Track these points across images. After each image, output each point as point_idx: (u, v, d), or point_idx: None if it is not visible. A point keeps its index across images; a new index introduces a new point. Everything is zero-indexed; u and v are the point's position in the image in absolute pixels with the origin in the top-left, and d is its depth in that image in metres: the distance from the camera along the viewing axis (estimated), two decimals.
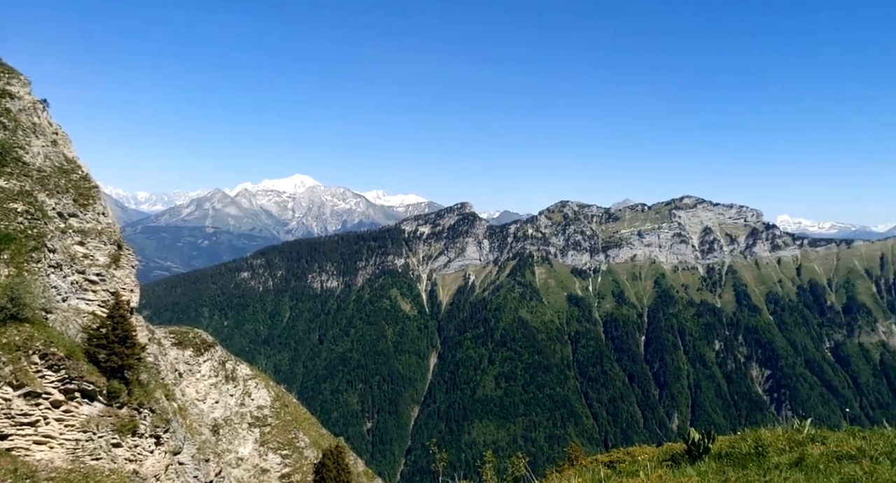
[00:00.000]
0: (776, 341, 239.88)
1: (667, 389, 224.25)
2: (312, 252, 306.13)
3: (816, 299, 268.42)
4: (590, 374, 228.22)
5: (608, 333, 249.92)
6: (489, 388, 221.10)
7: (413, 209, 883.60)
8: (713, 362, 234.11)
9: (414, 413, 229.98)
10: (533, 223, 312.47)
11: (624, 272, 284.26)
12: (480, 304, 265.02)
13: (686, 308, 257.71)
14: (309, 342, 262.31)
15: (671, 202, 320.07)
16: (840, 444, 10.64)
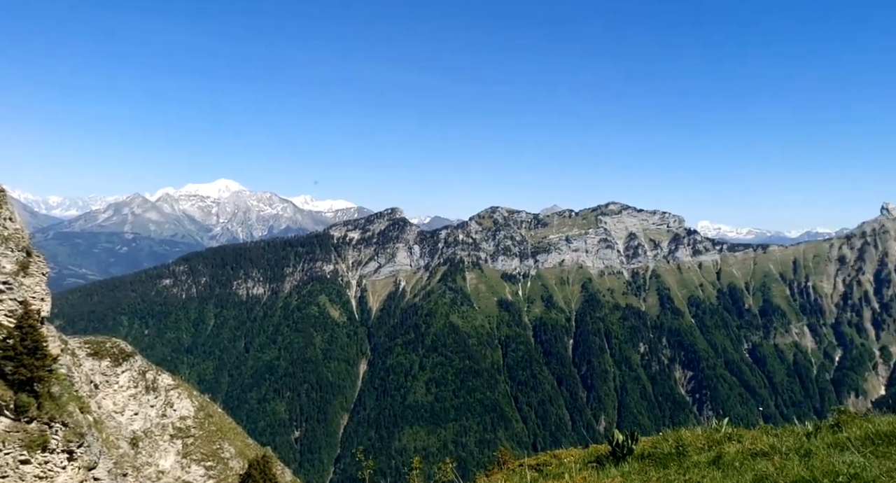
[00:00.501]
0: (698, 343, 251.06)
1: (594, 392, 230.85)
2: (238, 258, 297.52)
3: (735, 302, 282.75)
4: (520, 378, 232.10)
5: (538, 337, 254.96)
6: (420, 393, 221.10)
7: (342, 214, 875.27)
8: (638, 365, 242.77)
9: (343, 421, 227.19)
10: (464, 229, 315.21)
11: (552, 277, 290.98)
12: (411, 309, 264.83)
13: (612, 312, 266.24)
14: (234, 350, 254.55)
15: (597, 208, 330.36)
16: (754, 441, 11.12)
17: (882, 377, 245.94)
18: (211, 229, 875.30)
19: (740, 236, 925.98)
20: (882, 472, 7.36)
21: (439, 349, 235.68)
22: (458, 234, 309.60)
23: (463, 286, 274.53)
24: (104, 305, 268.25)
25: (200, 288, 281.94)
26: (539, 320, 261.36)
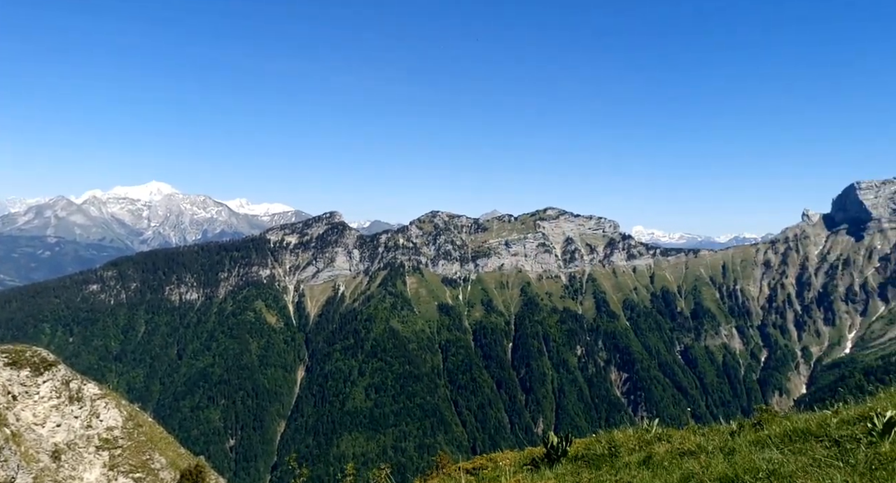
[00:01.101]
0: (633, 346, 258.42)
1: (532, 394, 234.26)
2: (170, 263, 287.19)
3: (668, 305, 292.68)
4: (459, 382, 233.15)
5: (478, 341, 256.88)
6: (359, 399, 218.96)
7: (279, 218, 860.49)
8: (575, 367, 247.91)
9: (280, 428, 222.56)
10: (404, 233, 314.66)
11: (492, 281, 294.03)
12: (350, 314, 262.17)
13: (550, 315, 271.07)
14: (166, 358, 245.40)
15: (536, 213, 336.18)
16: (683, 441, 11.54)
17: (804, 376, 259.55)
18: (142, 233, 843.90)
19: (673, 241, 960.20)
20: (798, 467, 7.82)
21: (379, 354, 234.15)
22: (398, 238, 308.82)
23: (403, 291, 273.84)
24: (24, 313, 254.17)
25: (130, 294, 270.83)
26: (479, 324, 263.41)
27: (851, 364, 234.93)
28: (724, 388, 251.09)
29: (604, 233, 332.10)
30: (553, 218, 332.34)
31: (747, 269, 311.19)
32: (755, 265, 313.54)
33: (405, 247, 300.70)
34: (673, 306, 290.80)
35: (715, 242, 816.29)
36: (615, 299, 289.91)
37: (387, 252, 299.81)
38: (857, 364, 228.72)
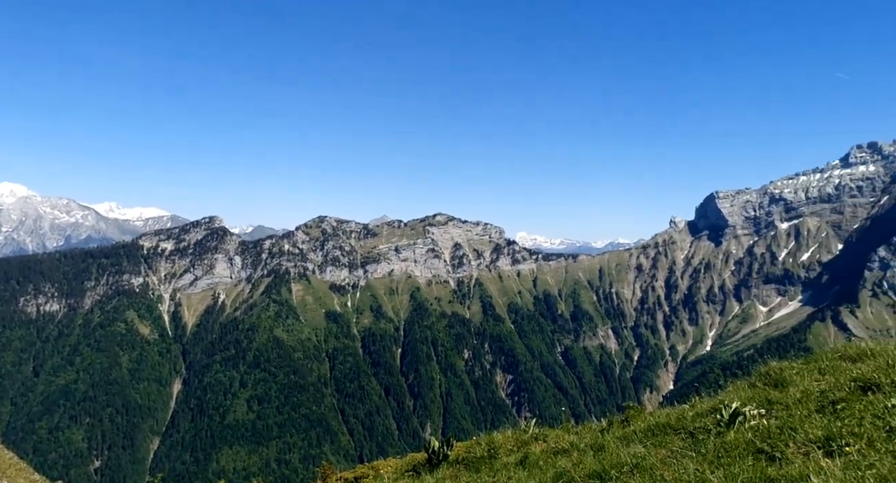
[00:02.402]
0: (517, 348, 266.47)
1: (421, 400, 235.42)
2: (26, 271, 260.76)
3: (550, 308, 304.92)
4: (347, 391, 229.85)
5: (366, 348, 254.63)
6: (240, 412, 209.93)
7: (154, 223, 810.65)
8: (463, 371, 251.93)
9: (153, 445, 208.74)
10: (290, 238, 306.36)
11: (382, 287, 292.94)
12: (232, 324, 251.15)
13: (439, 320, 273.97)
14: (20, 375, 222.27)
15: (426, 219, 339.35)
16: (557, 440, 11.81)
17: (671, 373, 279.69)
18: None
19: (554, 246, 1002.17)
20: (658, 459, 8.20)
21: (262, 364, 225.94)
22: (283, 244, 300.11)
23: (289, 298, 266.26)
24: None
25: None
26: (368, 331, 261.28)
27: (711, 360, 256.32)
28: (601, 386, 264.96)
29: (490, 238, 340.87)
30: (442, 224, 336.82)
31: (622, 273, 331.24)
32: (629, 269, 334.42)
33: (291, 253, 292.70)
34: (554, 309, 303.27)
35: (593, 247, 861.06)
36: (501, 303, 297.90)
37: (271, 258, 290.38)
38: (716, 360, 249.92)
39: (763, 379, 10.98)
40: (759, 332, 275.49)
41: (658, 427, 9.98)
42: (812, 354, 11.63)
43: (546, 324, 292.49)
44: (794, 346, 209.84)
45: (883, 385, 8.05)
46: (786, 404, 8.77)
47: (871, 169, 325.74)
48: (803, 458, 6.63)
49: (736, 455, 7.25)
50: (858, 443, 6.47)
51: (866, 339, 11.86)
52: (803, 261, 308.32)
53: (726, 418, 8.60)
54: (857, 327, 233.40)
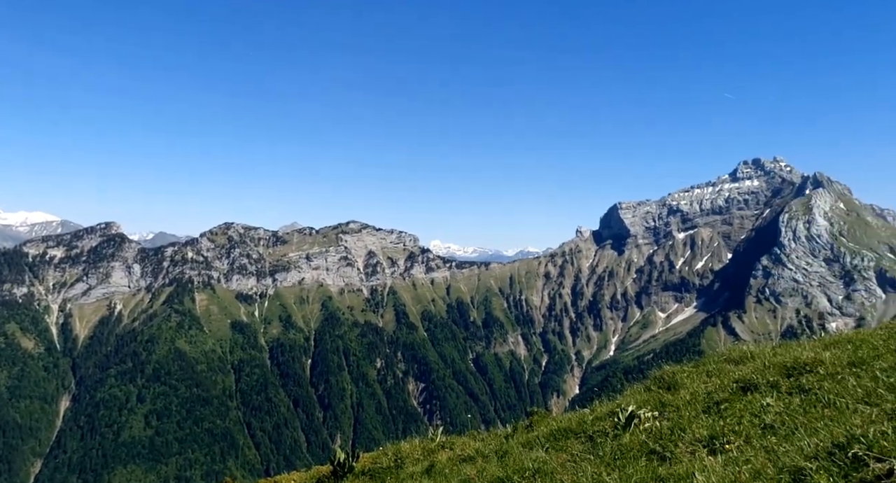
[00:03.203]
0: (429, 356, 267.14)
1: (331, 411, 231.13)
2: None
3: (462, 315, 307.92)
4: (253, 403, 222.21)
5: (274, 359, 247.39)
6: (137, 428, 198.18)
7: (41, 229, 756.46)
8: (375, 380, 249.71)
9: (35, 468, 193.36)
10: (194, 246, 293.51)
11: (292, 296, 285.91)
12: (129, 336, 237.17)
13: (351, 329, 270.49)
14: None
15: (339, 227, 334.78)
16: (464, 447, 11.91)
17: (577, 378, 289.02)
18: None
19: (467, 254, 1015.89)
20: (559, 464, 8.43)
21: (162, 378, 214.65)
22: (187, 251, 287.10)
23: (192, 308, 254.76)
24: None
25: None
26: (276, 341, 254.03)
27: (614, 365, 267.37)
28: (510, 392, 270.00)
29: (405, 247, 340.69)
30: (356, 231, 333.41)
31: (531, 281, 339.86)
32: (538, 277, 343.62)
33: (195, 261, 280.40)
34: (467, 316, 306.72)
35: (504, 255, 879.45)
36: (414, 311, 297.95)
37: (173, 267, 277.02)
38: (618, 365, 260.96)
39: (657, 382, 11.56)
40: (659, 337, 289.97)
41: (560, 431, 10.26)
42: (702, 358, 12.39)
43: (459, 331, 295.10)
44: (690, 350, 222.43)
45: (760, 385, 8.66)
46: (677, 406, 9.27)
47: (756, 184, 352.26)
48: (690, 456, 7.01)
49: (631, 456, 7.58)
50: (738, 440, 6.93)
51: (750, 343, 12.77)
52: (698, 269, 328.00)
53: (623, 421, 8.98)
54: (744, 331, 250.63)
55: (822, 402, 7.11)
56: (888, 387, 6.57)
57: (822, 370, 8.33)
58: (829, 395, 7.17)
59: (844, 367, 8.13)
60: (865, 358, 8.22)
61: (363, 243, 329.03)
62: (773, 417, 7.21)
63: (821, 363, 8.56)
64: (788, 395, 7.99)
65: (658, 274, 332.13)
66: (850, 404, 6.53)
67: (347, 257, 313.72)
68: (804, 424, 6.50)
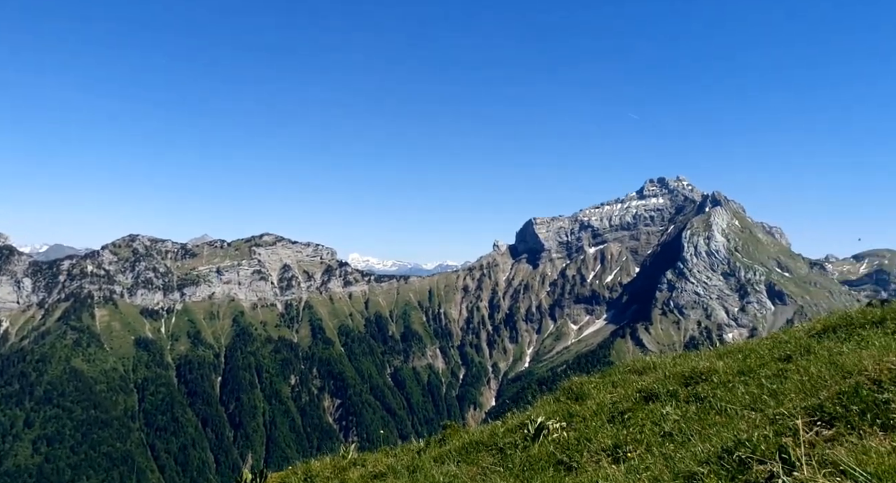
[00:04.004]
0: (346, 371, 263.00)
1: (242, 429, 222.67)
2: None
3: (381, 329, 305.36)
4: (158, 424, 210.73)
5: (182, 377, 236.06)
6: (24, 455, 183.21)
7: None
8: (288, 397, 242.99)
9: None
10: (94, 259, 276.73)
11: (201, 311, 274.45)
12: (17, 355, 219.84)
13: (265, 345, 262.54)
14: None
15: (252, 239, 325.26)
16: (376, 464, 11.78)
17: (493, 390, 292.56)
18: None
19: (386, 268, 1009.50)
20: (469, 477, 8.46)
21: (55, 399, 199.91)
22: (86, 264, 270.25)
23: (91, 325, 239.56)
24: None
25: None
26: (184, 358, 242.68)
27: (529, 376, 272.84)
28: (428, 406, 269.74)
29: (321, 260, 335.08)
30: (270, 244, 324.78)
31: (450, 294, 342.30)
32: (456, 290, 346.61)
33: (95, 275, 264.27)
34: (385, 330, 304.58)
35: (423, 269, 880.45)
36: (331, 326, 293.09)
37: (70, 281, 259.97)
38: (533, 376, 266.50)
39: (566, 393, 11.86)
40: (571, 349, 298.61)
41: (472, 445, 10.32)
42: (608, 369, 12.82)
43: (377, 345, 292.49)
44: (600, 361, 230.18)
45: (661, 394, 9.05)
46: (584, 416, 9.54)
47: (661, 201, 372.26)
48: (595, 465, 7.22)
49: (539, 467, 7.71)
50: (640, 448, 7.19)
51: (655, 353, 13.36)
52: (608, 282, 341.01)
53: (532, 432, 9.13)
54: (651, 342, 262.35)
55: (714, 410, 7.51)
56: (771, 393, 7.01)
57: (715, 379, 8.80)
58: (720, 403, 7.58)
59: (735, 376, 8.63)
60: (753, 366, 8.76)
61: (278, 256, 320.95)
62: (671, 425, 7.54)
63: (715, 372, 9.05)
64: (686, 403, 8.39)
65: (571, 287, 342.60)
66: (739, 410, 6.92)
67: (261, 271, 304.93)
68: (699, 431, 6.83)
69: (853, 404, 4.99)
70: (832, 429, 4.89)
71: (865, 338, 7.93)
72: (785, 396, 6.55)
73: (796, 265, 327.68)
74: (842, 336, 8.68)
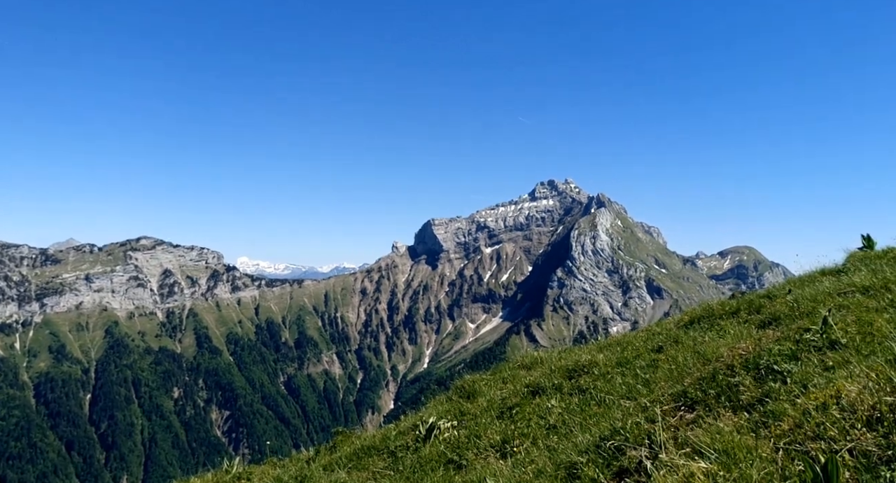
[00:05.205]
0: (236, 381, 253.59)
1: (116, 450, 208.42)
2: None
3: (273, 337, 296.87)
4: (11, 451, 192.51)
5: (41, 397, 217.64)
6: None
7: None
8: (171, 411, 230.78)
9: None
10: None
11: (66, 323, 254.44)
12: None
13: (143, 357, 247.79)
14: None
15: (127, 243, 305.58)
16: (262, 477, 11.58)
17: (392, 393, 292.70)
18: None
19: (278, 272, 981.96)
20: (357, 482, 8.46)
21: None
22: None
23: None
24: None
25: None
26: (45, 376, 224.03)
27: (428, 377, 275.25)
28: (324, 413, 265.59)
29: (207, 264, 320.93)
30: (148, 248, 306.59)
31: (347, 297, 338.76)
32: (354, 293, 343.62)
33: None
34: (278, 337, 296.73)
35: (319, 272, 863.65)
36: (218, 334, 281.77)
37: None
38: (432, 376, 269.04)
39: (458, 392, 12.12)
40: (469, 348, 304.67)
41: (363, 450, 10.33)
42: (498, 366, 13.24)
43: (269, 353, 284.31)
44: (496, 358, 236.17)
45: (547, 388, 9.48)
46: (474, 414, 9.80)
47: (551, 203, 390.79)
48: (483, 462, 7.45)
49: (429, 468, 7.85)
50: (526, 442, 7.51)
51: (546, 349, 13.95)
52: (503, 281, 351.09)
53: (423, 433, 9.27)
54: (543, 338, 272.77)
55: (595, 401, 7.98)
56: (644, 382, 7.56)
57: (596, 371, 9.35)
58: (600, 394, 8.08)
59: (613, 367, 9.20)
60: (629, 358, 9.39)
61: (158, 261, 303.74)
62: (556, 418, 7.94)
63: (596, 365, 9.60)
64: (570, 395, 8.85)
65: (468, 287, 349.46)
66: (616, 400, 7.41)
67: (138, 277, 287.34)
68: (580, 422, 7.25)
69: (711, 389, 5.50)
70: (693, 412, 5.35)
71: (724, 327, 8.74)
72: (656, 385, 7.07)
73: (671, 262, 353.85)
74: (705, 326, 9.49)
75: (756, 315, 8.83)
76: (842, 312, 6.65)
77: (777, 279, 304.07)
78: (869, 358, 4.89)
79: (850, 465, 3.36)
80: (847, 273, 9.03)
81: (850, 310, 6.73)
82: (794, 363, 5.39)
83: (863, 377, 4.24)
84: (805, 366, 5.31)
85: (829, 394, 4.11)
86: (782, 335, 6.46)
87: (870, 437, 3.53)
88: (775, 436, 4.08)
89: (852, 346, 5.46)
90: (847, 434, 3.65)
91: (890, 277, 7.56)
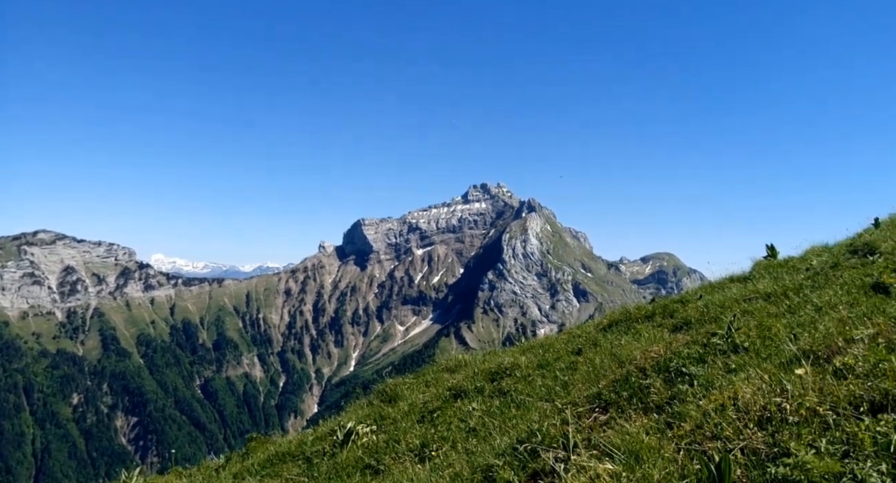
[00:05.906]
0: (146, 385, 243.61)
1: (2, 463, 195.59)
2: None
3: (189, 338, 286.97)
4: None
5: None
6: None
7: None
8: (69, 419, 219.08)
9: None
10: None
11: None
12: None
13: (37, 360, 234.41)
14: None
15: (21, 237, 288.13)
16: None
17: (316, 396, 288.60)
18: None
19: (196, 270, 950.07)
20: None
21: None
22: None
23: None
24: None
25: None
26: None
27: (354, 380, 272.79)
28: (244, 417, 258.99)
29: (116, 261, 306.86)
30: (47, 243, 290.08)
31: (270, 298, 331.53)
32: (277, 293, 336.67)
33: None
34: (195, 339, 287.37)
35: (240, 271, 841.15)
36: (128, 335, 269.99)
37: None
38: (358, 379, 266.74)
39: (380, 396, 12.12)
40: (398, 350, 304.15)
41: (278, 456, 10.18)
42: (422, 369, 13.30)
43: (184, 355, 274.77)
44: (425, 360, 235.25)
45: (469, 391, 9.60)
46: (394, 418, 9.81)
47: (484, 206, 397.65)
48: (401, 466, 7.47)
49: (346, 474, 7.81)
50: (445, 446, 7.58)
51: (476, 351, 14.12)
52: (434, 283, 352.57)
53: (341, 438, 9.21)
54: (473, 340, 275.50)
55: (515, 403, 8.15)
56: (563, 384, 7.79)
57: (518, 373, 9.55)
58: (521, 396, 8.25)
59: (535, 369, 9.43)
60: (550, 360, 9.65)
61: (58, 257, 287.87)
62: (476, 421, 8.05)
63: (518, 367, 9.81)
64: (491, 398, 9.00)
65: (399, 288, 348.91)
66: (535, 402, 7.59)
67: (34, 274, 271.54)
68: (499, 425, 7.38)
69: (624, 391, 5.76)
70: (607, 414, 5.58)
71: (639, 331, 9.16)
72: (574, 386, 7.29)
73: (597, 266, 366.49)
74: (622, 329, 9.91)
75: (669, 319, 9.30)
76: (746, 317, 7.14)
77: (694, 284, 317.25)
78: (765, 361, 5.22)
79: (742, 463, 3.68)
80: (752, 280, 9.71)
81: (753, 315, 7.24)
82: (701, 366, 5.78)
83: (757, 379, 4.59)
84: (710, 368, 5.68)
85: (727, 395, 4.41)
86: (692, 339, 6.83)
87: (760, 435, 3.87)
88: (678, 436, 4.34)
89: (753, 350, 5.88)
90: (740, 433, 3.98)
91: (789, 285, 8.21)
